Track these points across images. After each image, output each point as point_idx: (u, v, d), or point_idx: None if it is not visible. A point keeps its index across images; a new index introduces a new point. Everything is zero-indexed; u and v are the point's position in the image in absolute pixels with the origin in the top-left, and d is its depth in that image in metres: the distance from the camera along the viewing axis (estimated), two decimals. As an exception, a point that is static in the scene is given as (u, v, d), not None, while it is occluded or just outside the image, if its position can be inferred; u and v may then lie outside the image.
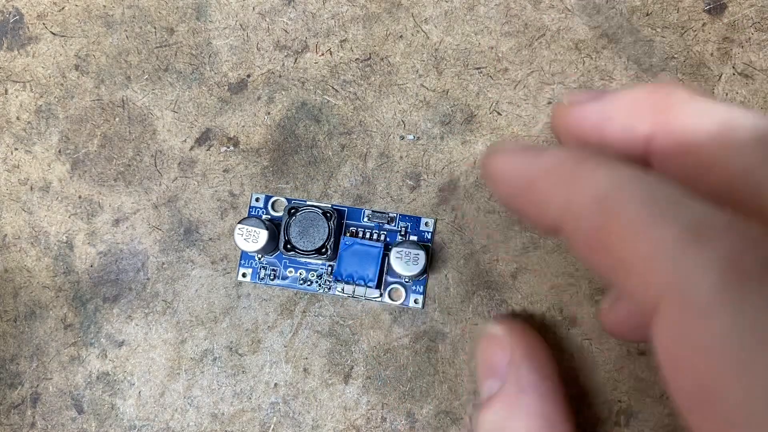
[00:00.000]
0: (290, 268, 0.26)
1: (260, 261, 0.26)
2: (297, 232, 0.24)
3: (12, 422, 0.26)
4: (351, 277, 0.24)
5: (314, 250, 0.24)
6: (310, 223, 0.24)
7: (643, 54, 0.26)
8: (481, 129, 0.26)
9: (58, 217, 0.27)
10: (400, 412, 0.25)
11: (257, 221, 0.24)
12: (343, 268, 0.25)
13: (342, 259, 0.25)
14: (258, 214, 0.26)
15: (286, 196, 0.26)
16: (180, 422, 0.25)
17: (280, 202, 0.26)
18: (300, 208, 0.25)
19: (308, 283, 0.26)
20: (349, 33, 0.27)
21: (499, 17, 0.27)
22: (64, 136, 0.27)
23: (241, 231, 0.24)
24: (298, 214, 0.25)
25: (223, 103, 0.27)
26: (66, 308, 0.26)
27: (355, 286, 0.25)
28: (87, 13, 0.28)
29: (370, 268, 0.24)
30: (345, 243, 0.25)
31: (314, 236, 0.24)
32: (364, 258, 0.25)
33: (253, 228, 0.24)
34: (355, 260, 0.25)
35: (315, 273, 0.26)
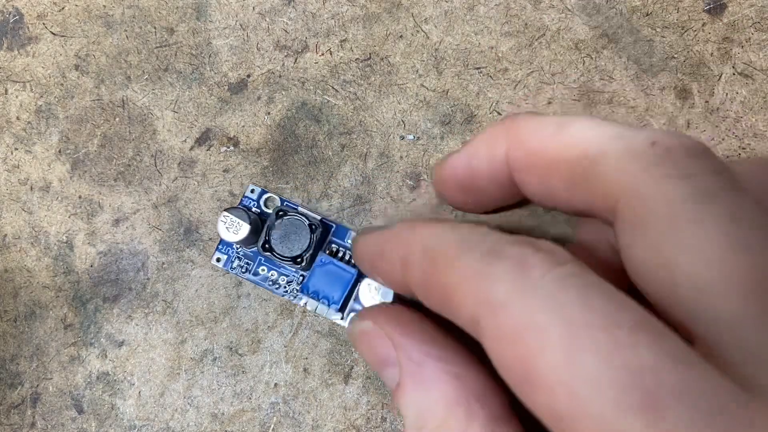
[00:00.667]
0: (263, 267, 0.26)
1: (237, 251, 0.26)
2: (279, 235, 0.24)
3: (12, 422, 0.26)
4: (317, 294, 0.24)
5: (290, 257, 0.24)
6: (294, 230, 0.24)
7: (643, 54, 0.26)
8: (481, 129, 0.26)
9: (58, 217, 0.27)
10: (400, 412, 0.25)
11: (243, 213, 0.24)
12: (312, 283, 0.25)
13: (313, 274, 0.25)
14: (249, 205, 0.26)
15: (284, 196, 0.26)
16: (180, 422, 0.25)
17: (273, 200, 0.26)
18: (288, 212, 0.25)
19: (276, 287, 0.26)
20: (349, 33, 0.27)
21: (499, 17, 0.27)
22: (64, 136, 0.27)
23: (225, 219, 0.24)
24: (284, 218, 0.24)
25: (223, 103, 0.27)
26: (66, 308, 0.26)
27: (319, 304, 0.25)
28: (87, 13, 0.28)
29: (338, 291, 0.24)
30: (321, 260, 0.25)
31: (294, 244, 0.24)
32: (335, 279, 0.25)
33: (237, 219, 0.24)
34: (326, 279, 0.25)
35: (286, 278, 0.26)
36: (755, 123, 0.26)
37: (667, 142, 0.13)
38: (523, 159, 0.15)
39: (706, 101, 0.26)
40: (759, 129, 0.26)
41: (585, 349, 0.11)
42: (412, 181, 0.26)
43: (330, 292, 0.24)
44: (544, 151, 0.15)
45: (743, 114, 0.26)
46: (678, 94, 0.26)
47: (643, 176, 0.12)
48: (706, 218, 0.12)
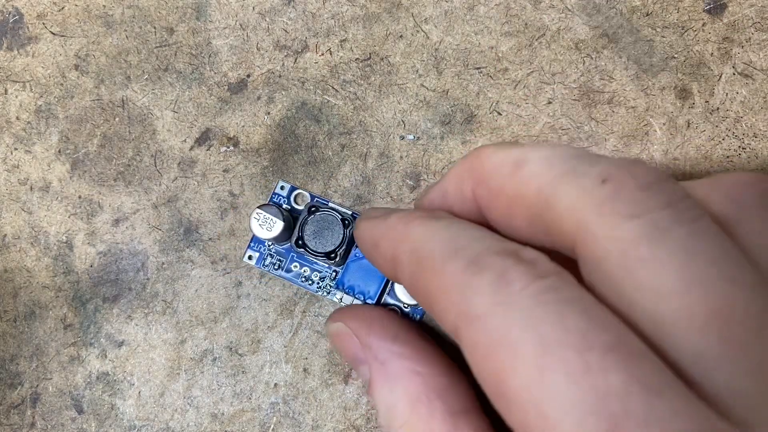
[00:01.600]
0: (296, 263, 0.26)
1: (269, 248, 0.26)
2: (312, 231, 0.24)
3: (12, 422, 0.26)
4: (352, 289, 0.25)
5: (324, 252, 0.24)
6: (327, 226, 0.24)
7: (643, 54, 0.26)
8: (481, 129, 0.26)
9: (58, 217, 0.27)
10: (400, 412, 0.25)
11: (276, 210, 0.24)
12: (347, 278, 0.25)
13: (348, 269, 0.25)
14: (279, 202, 0.26)
15: (312, 191, 0.26)
16: (180, 422, 0.25)
17: (303, 197, 0.26)
18: (321, 208, 0.24)
19: (309, 282, 0.25)
20: (349, 33, 0.27)
21: (499, 17, 0.27)
22: (64, 136, 0.27)
23: (258, 216, 0.24)
24: (317, 213, 0.24)
25: (222, 103, 0.27)
26: (66, 308, 0.26)
27: (354, 299, 0.25)
28: (87, 13, 0.28)
29: (373, 286, 0.24)
30: (356, 254, 0.25)
31: (328, 239, 0.24)
32: (370, 274, 0.24)
33: (271, 216, 0.24)
34: (361, 274, 0.25)
35: (318, 274, 0.25)
36: (755, 123, 0.26)
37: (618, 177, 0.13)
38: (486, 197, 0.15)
39: (706, 101, 0.26)
40: (759, 129, 0.26)
41: (555, 370, 0.11)
42: (412, 181, 0.26)
43: (365, 287, 0.24)
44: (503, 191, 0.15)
45: (743, 114, 0.26)
46: (678, 94, 0.26)
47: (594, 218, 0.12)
48: (658, 256, 0.11)
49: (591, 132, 0.26)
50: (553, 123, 0.26)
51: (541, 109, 0.26)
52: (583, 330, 0.11)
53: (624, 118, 0.26)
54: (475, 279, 0.12)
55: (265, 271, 0.26)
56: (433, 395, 0.16)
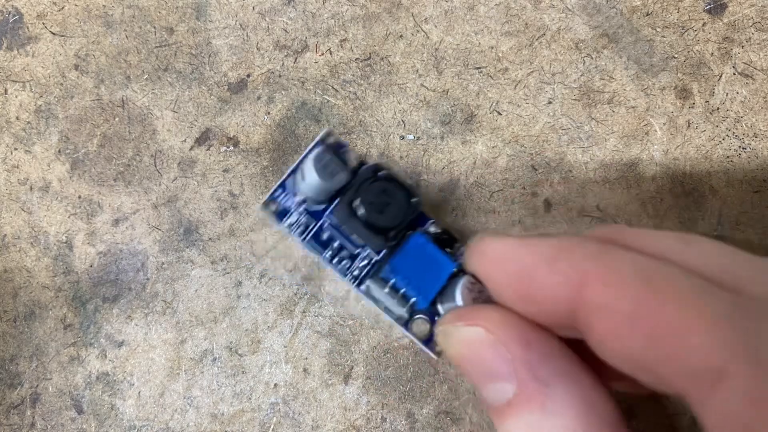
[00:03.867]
0: (328, 233, 0.20)
1: (300, 204, 0.21)
2: (370, 199, 0.19)
3: (12, 422, 0.26)
4: (407, 280, 0.19)
5: (379, 227, 0.19)
6: (390, 198, 0.19)
7: (643, 54, 0.26)
8: (482, 129, 0.26)
9: (58, 217, 0.27)
10: (400, 412, 0.25)
11: (348, 155, 0.19)
12: (401, 264, 0.19)
13: (407, 253, 0.19)
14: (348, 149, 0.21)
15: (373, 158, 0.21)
16: (180, 422, 0.25)
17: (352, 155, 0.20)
18: (386, 172, 0.19)
19: (337, 261, 0.20)
20: (349, 33, 0.27)
21: (499, 17, 0.27)
22: (64, 136, 0.27)
23: (323, 157, 0.19)
24: (381, 180, 0.19)
25: (222, 102, 0.27)
26: (65, 308, 0.26)
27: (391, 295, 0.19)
28: (87, 13, 0.28)
29: (433, 285, 0.19)
30: (417, 239, 0.20)
31: (387, 213, 0.19)
32: (428, 268, 0.19)
33: (338, 163, 0.19)
34: (417, 265, 0.19)
35: (347, 252, 0.20)
36: (756, 123, 0.26)
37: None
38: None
39: (706, 101, 0.26)
40: (759, 129, 0.25)
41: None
42: (412, 181, 0.26)
43: (420, 283, 0.19)
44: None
45: (744, 114, 0.26)
46: (678, 94, 0.26)
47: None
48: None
49: (591, 132, 0.26)
50: (554, 123, 0.26)
51: (542, 108, 0.26)
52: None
53: (624, 118, 0.26)
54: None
55: (286, 232, 0.20)
56: (606, 430, 0.14)
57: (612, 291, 0.13)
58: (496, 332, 0.15)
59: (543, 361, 0.14)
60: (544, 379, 0.14)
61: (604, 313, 0.13)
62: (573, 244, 0.14)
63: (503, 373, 0.15)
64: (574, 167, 0.26)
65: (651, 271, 0.13)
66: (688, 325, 0.12)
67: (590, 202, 0.26)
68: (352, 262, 0.20)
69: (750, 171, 0.25)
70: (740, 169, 0.25)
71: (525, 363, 0.14)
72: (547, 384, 0.14)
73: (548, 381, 0.14)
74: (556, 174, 0.26)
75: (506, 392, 0.15)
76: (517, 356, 0.15)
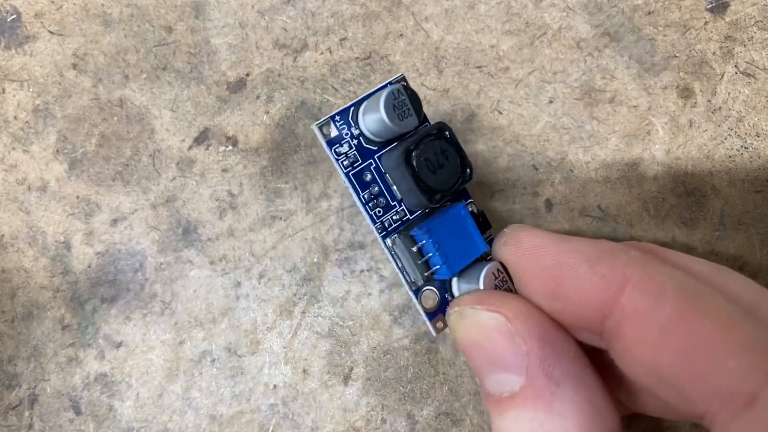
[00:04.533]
0: (370, 175, 0.20)
1: (353, 138, 0.20)
2: (426, 156, 0.18)
3: (9, 424, 0.26)
4: (437, 246, 0.18)
5: (427, 185, 0.18)
6: (446, 161, 0.19)
7: (644, 53, 0.26)
8: (482, 128, 0.26)
9: (56, 217, 0.27)
10: (401, 413, 0.25)
11: (419, 104, 0.19)
12: (437, 229, 0.19)
13: (446, 220, 0.19)
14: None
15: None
16: (178, 424, 0.25)
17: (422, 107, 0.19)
18: (450, 139, 0.19)
19: (372, 206, 0.20)
20: (348, 31, 0.27)
21: (499, 16, 0.26)
22: (62, 136, 0.27)
23: (397, 95, 0.18)
24: (442, 140, 0.19)
25: (221, 102, 0.27)
26: (64, 309, 0.26)
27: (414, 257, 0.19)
28: (85, 12, 0.28)
29: (461, 260, 0.19)
30: (460, 210, 0.19)
31: (439, 175, 0.19)
32: (462, 242, 0.19)
33: (410, 106, 0.18)
34: (452, 235, 0.19)
35: (386, 203, 0.20)
36: (758, 122, 0.25)
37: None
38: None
39: (708, 100, 0.26)
40: (761, 128, 0.25)
41: None
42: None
43: (452, 253, 0.19)
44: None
45: (745, 113, 0.25)
46: (680, 93, 0.26)
47: None
48: None
49: (592, 131, 0.26)
50: (555, 122, 0.26)
51: (543, 108, 0.26)
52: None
53: (626, 118, 0.26)
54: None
55: (333, 159, 0.20)
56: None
57: (651, 300, 0.13)
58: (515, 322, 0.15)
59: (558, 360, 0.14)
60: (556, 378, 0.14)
61: (639, 321, 0.13)
62: (617, 248, 0.14)
63: (513, 365, 0.14)
64: (576, 167, 0.26)
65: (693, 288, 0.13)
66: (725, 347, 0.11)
67: (591, 201, 0.25)
68: (385, 212, 0.20)
69: (752, 170, 0.25)
70: (742, 169, 0.25)
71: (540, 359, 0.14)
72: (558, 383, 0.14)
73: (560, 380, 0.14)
74: (558, 174, 0.26)
75: (512, 384, 0.14)
76: (533, 350, 0.14)
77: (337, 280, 0.26)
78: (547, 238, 0.16)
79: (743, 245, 0.25)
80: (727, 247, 0.25)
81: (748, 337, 0.11)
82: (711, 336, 0.12)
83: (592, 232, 0.25)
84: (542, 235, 0.16)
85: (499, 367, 0.15)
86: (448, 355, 0.25)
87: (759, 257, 0.25)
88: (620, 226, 0.25)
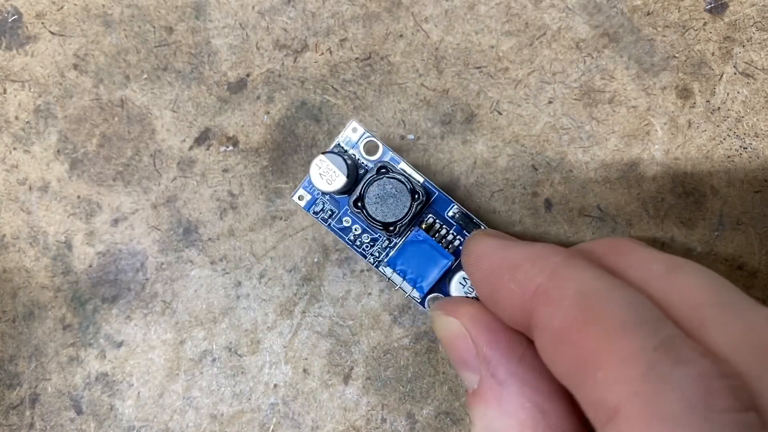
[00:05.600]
0: (348, 218, 0.23)
1: (324, 195, 0.23)
2: (375, 195, 0.21)
3: (11, 423, 0.26)
4: (404, 273, 0.22)
5: (384, 222, 0.21)
6: (393, 194, 0.21)
7: (644, 53, 0.26)
8: (482, 128, 0.26)
9: (57, 217, 0.27)
10: (401, 412, 0.25)
11: (342, 162, 0.21)
12: (401, 260, 0.22)
13: (404, 251, 0.22)
14: (346, 147, 0.23)
15: (386, 143, 0.23)
16: (179, 423, 0.25)
17: (375, 147, 0.23)
18: (390, 170, 0.21)
19: (358, 246, 0.23)
20: (348, 32, 0.27)
21: (499, 16, 0.26)
22: (63, 136, 0.27)
23: (321, 164, 0.21)
24: (385, 179, 0.21)
25: (222, 102, 0.27)
26: (65, 308, 0.26)
27: (404, 281, 0.22)
28: (86, 13, 0.28)
29: (429, 275, 0.22)
30: (416, 236, 0.22)
31: (391, 209, 0.21)
32: (427, 261, 0.22)
33: (335, 168, 0.21)
34: (418, 259, 0.22)
35: (370, 237, 0.23)
36: (756, 123, 0.25)
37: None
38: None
39: (707, 101, 0.26)
40: (760, 129, 0.25)
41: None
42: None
43: (419, 274, 0.22)
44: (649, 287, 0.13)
45: (744, 113, 0.26)
46: (679, 94, 0.26)
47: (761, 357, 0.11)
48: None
49: (592, 131, 0.26)
50: (554, 122, 0.26)
51: (542, 108, 0.26)
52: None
53: (625, 118, 0.26)
54: (672, 367, 0.11)
55: (314, 218, 0.23)
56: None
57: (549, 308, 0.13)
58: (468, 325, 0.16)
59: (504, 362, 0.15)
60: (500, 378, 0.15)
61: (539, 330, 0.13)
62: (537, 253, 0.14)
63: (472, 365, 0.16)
64: (575, 167, 0.26)
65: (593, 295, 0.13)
66: (601, 357, 0.11)
67: (591, 201, 0.25)
68: (373, 245, 0.23)
69: (751, 171, 0.25)
70: (741, 169, 0.25)
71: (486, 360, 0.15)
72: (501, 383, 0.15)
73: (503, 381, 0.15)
74: (557, 174, 0.26)
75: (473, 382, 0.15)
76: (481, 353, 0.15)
77: (337, 279, 0.26)
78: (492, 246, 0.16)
79: (742, 245, 0.25)
80: (726, 247, 0.25)
81: (628, 348, 0.11)
82: (593, 346, 0.12)
83: (591, 232, 0.25)
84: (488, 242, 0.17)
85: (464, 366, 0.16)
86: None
87: (758, 257, 0.25)
88: (619, 226, 0.25)
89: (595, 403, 0.11)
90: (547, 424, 0.14)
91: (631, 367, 0.11)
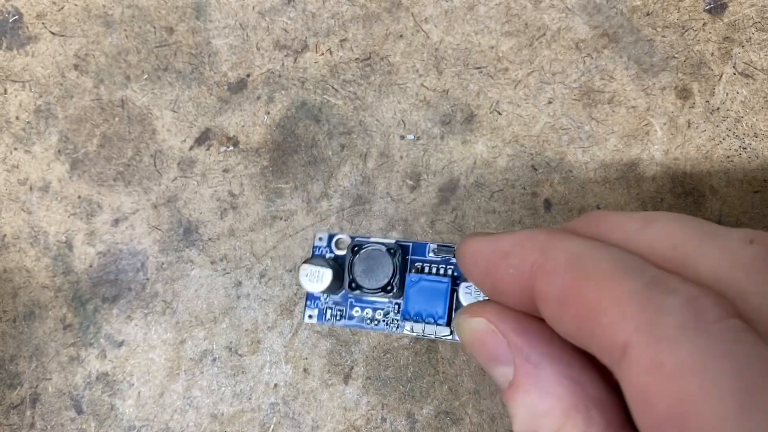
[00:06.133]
0: (356, 308, 0.25)
1: (326, 301, 0.25)
2: (362, 270, 0.24)
3: (11, 422, 0.26)
4: (420, 315, 0.24)
5: (379, 287, 0.24)
6: (375, 261, 0.24)
7: (643, 54, 0.26)
8: (482, 129, 0.26)
9: (58, 217, 0.27)
10: (400, 412, 0.25)
11: (321, 260, 0.24)
12: (410, 306, 0.24)
13: (409, 297, 0.24)
14: (321, 253, 0.26)
15: (350, 233, 0.26)
16: (179, 423, 0.25)
17: (343, 240, 0.26)
18: (363, 245, 0.24)
19: (375, 323, 0.25)
20: (349, 32, 0.27)
21: (499, 17, 0.26)
22: (64, 136, 0.27)
23: (306, 271, 0.24)
24: (362, 251, 0.24)
25: (222, 102, 0.27)
26: (65, 308, 0.26)
27: (425, 324, 0.24)
28: (86, 13, 0.28)
29: (439, 305, 0.24)
30: (411, 280, 0.24)
31: (379, 274, 0.24)
32: (431, 295, 0.24)
33: (318, 268, 0.24)
34: (423, 297, 0.24)
35: (382, 311, 0.25)
36: (756, 123, 0.26)
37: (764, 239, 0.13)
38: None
39: (706, 101, 0.26)
40: (760, 129, 0.25)
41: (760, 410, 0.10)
42: (412, 181, 0.26)
43: (431, 309, 0.24)
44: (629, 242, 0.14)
45: (744, 114, 0.26)
46: (678, 94, 0.26)
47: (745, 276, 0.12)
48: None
49: (591, 132, 0.26)
50: (554, 123, 0.26)
51: (542, 108, 0.26)
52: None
53: (624, 118, 0.26)
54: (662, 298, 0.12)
55: (329, 325, 0.25)
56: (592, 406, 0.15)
57: (547, 278, 0.14)
58: (495, 321, 0.17)
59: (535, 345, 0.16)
60: (534, 362, 0.16)
61: (543, 301, 0.15)
62: (525, 237, 0.16)
63: (504, 358, 0.17)
64: (575, 167, 0.26)
65: (581, 256, 0.14)
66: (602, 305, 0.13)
67: (590, 202, 0.26)
68: (385, 315, 0.25)
69: (750, 171, 0.25)
70: (740, 169, 0.25)
71: (519, 348, 0.16)
72: (536, 365, 0.16)
73: (538, 363, 0.16)
74: (557, 174, 0.26)
75: (508, 375, 0.16)
76: (512, 342, 0.16)
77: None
78: (481, 241, 0.17)
79: (741, 245, 0.25)
80: (726, 247, 0.25)
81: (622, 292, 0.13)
82: (592, 298, 0.13)
83: (591, 232, 0.26)
84: (477, 240, 0.18)
85: (496, 361, 0.17)
86: (448, 355, 0.25)
87: (757, 257, 0.25)
88: (619, 226, 0.25)
89: (607, 347, 0.13)
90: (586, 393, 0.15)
91: (628, 306, 0.12)
